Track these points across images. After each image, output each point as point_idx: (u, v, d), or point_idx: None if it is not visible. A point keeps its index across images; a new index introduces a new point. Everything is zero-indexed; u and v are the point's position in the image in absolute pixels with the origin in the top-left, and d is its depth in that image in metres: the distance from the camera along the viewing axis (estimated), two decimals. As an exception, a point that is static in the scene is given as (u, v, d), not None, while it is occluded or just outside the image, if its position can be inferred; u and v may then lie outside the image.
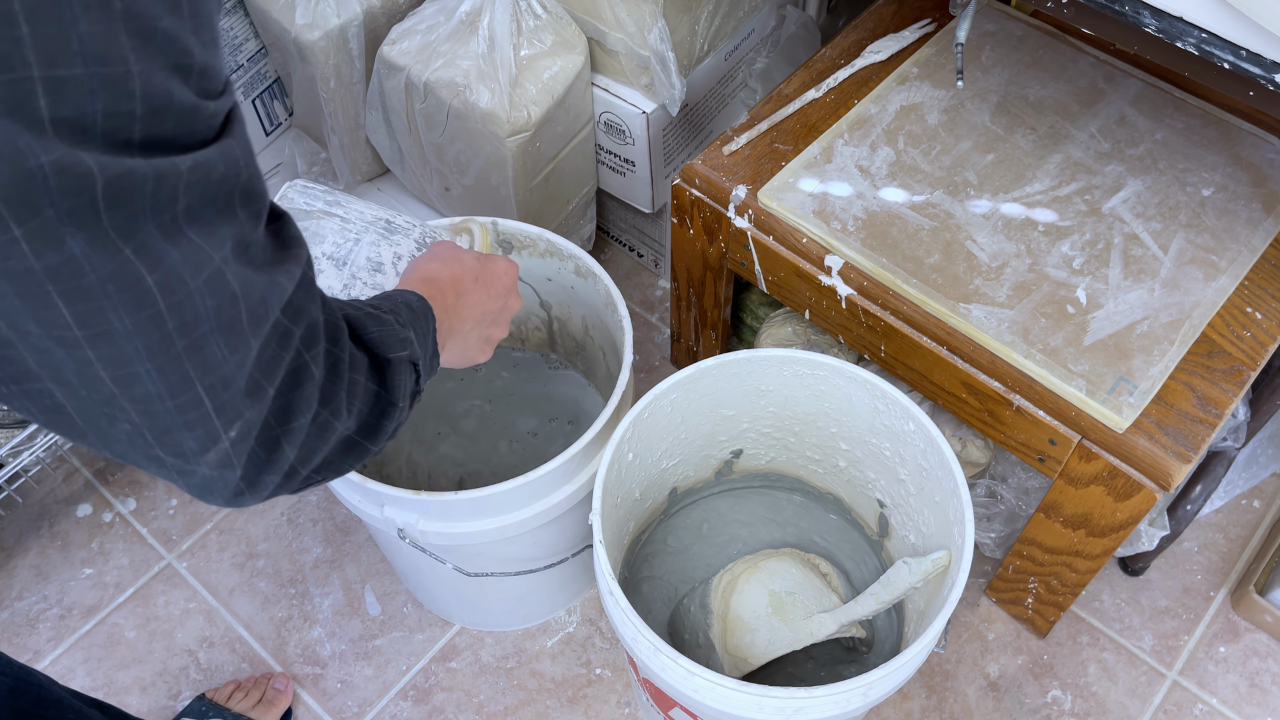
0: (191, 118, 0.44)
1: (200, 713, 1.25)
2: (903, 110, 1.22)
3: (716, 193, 1.19)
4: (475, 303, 0.81)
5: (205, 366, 0.47)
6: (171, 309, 0.45)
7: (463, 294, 0.80)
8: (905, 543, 1.14)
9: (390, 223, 0.94)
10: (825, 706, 0.89)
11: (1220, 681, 1.32)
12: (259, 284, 0.49)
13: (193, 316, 0.46)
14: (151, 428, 0.48)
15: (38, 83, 0.38)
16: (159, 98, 0.41)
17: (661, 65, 1.26)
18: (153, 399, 0.47)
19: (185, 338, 0.46)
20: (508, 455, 1.36)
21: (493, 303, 0.84)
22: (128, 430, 0.48)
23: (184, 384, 0.47)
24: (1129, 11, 0.85)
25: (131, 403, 0.46)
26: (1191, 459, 0.99)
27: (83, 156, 0.40)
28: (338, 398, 0.55)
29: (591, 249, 1.62)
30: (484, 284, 0.83)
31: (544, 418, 1.39)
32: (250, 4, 1.37)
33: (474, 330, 0.82)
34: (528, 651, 1.35)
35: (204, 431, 0.49)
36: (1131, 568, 1.39)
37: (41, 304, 0.42)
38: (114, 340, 0.44)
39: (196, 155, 0.44)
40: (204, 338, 0.47)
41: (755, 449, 1.22)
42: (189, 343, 0.46)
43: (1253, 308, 1.07)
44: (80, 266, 0.41)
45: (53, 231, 0.40)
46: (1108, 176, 1.16)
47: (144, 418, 0.47)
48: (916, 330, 1.10)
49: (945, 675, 1.33)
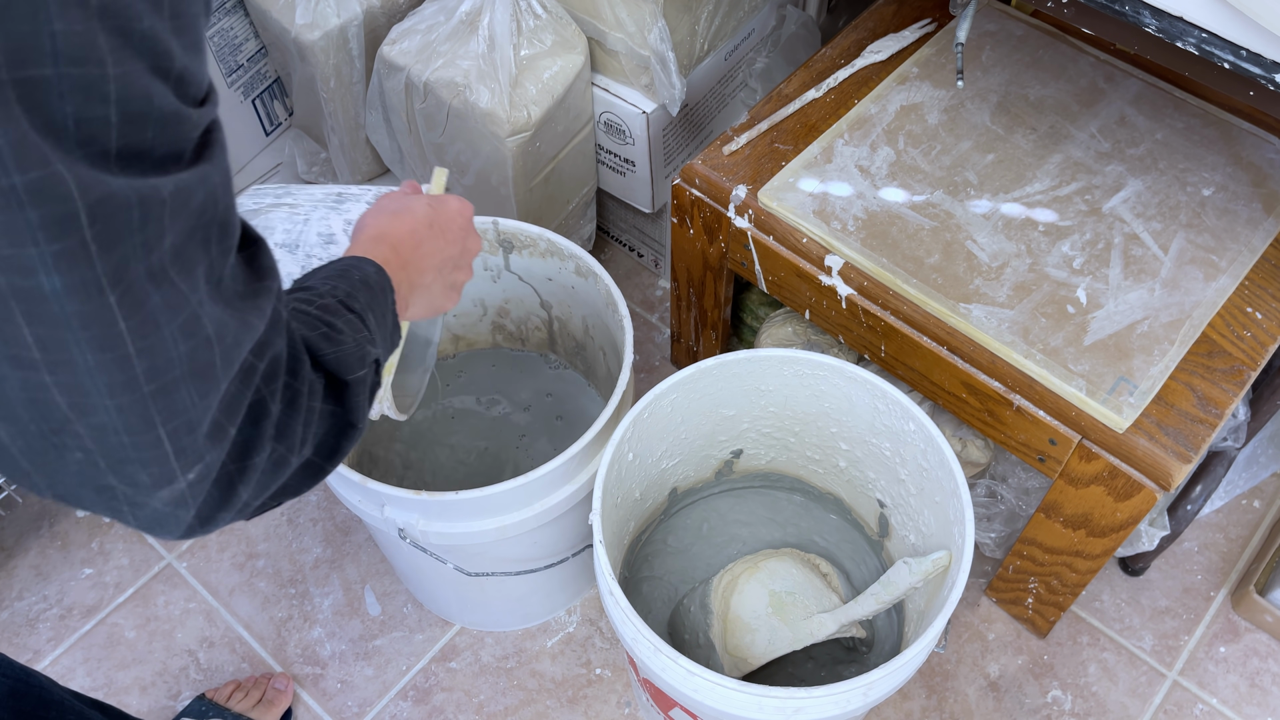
0: (173, 125, 0.42)
1: (200, 713, 1.25)
2: (903, 110, 1.22)
3: (716, 193, 1.19)
4: (433, 251, 0.77)
5: (171, 411, 0.45)
6: (141, 353, 0.43)
7: (419, 244, 0.76)
8: (905, 543, 1.14)
9: (341, 194, 0.91)
10: (825, 706, 0.89)
11: (1220, 681, 1.32)
12: (232, 326, 0.47)
13: (164, 362, 0.44)
14: (107, 457, 0.45)
15: (7, 86, 0.36)
16: (137, 101, 0.40)
17: (661, 65, 1.26)
18: (109, 431, 0.44)
19: (153, 382, 0.44)
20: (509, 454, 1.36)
21: (451, 248, 0.80)
22: (79, 460, 0.45)
23: (146, 425, 0.45)
24: (1129, 11, 0.85)
25: (88, 430, 0.44)
26: (1191, 459, 0.99)
27: (59, 169, 0.38)
28: (294, 432, 0.53)
29: (591, 249, 1.62)
30: (439, 229, 0.79)
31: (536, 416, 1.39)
32: (250, 4, 1.37)
33: (436, 279, 0.79)
34: (528, 651, 1.35)
35: (160, 471, 0.47)
36: (1132, 568, 1.39)
37: (3, 318, 0.40)
38: (74, 371, 0.42)
39: (178, 179, 0.42)
40: (174, 384, 0.45)
41: (755, 449, 1.22)
42: (157, 387, 0.44)
43: (1253, 308, 1.07)
44: (47, 297, 0.39)
45: (30, 263, 0.38)
46: (1108, 176, 1.16)
47: (99, 445, 0.45)
48: (916, 330, 1.10)
49: (945, 675, 1.33)
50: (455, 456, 1.35)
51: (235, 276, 0.48)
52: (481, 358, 1.41)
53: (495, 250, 1.24)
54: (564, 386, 1.40)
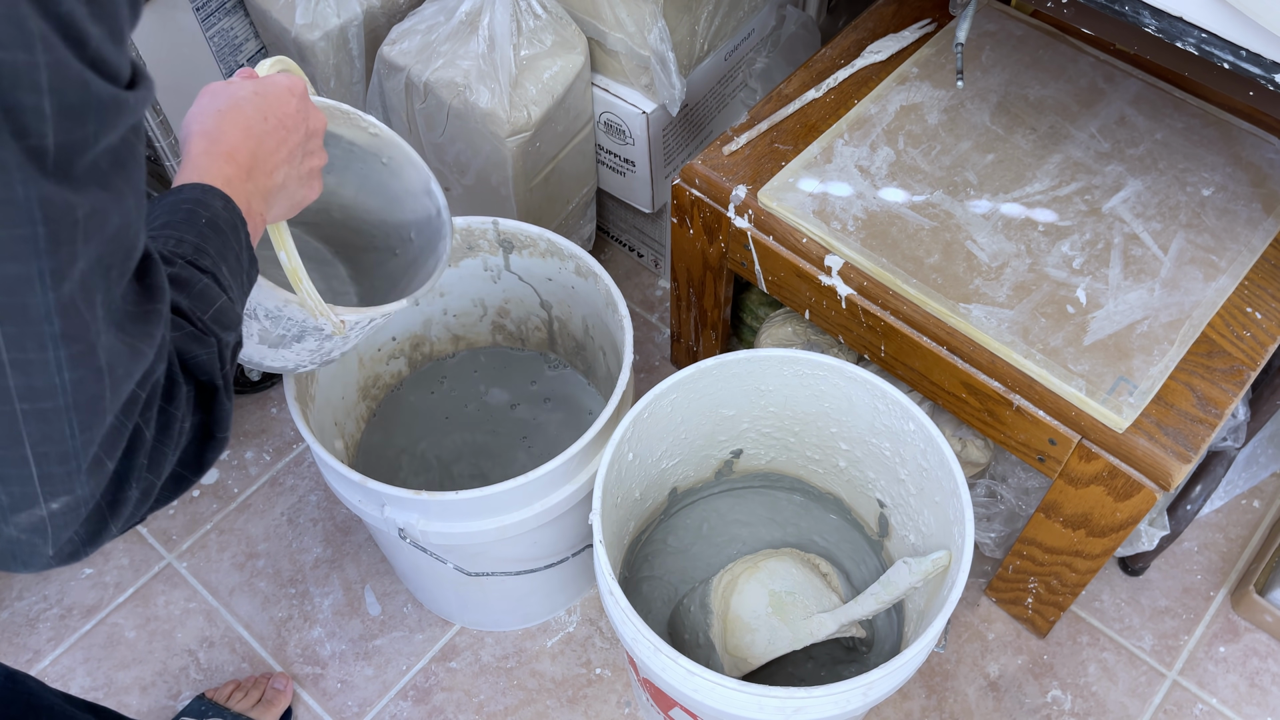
0: (112, 114, 0.39)
1: (200, 712, 1.25)
2: (903, 110, 1.22)
3: (716, 193, 1.19)
4: (275, 145, 0.70)
5: (44, 437, 0.42)
6: (17, 366, 0.40)
7: (259, 142, 0.68)
8: (905, 543, 1.14)
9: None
10: (825, 706, 0.89)
11: (1220, 681, 1.32)
12: (124, 356, 0.44)
13: (45, 385, 0.41)
14: None
15: None
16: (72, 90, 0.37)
17: (661, 65, 1.26)
18: None
19: (29, 402, 0.41)
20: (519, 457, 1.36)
21: (293, 135, 0.72)
22: None
23: (13, 443, 0.41)
24: (1129, 11, 0.85)
25: None
26: (1191, 459, 0.99)
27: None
28: (165, 458, 0.50)
29: (591, 249, 1.62)
30: (276, 119, 0.71)
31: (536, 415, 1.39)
32: (250, 4, 1.37)
33: (287, 174, 0.72)
34: (528, 651, 1.35)
35: (20, 492, 0.43)
36: (1131, 568, 1.39)
37: None
38: None
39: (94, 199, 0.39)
40: (53, 413, 0.42)
41: (755, 449, 1.22)
42: (32, 409, 0.41)
43: (1253, 308, 1.07)
44: None
45: None
46: (1108, 176, 1.16)
47: None
48: (916, 330, 1.10)
49: (945, 675, 1.33)
50: (455, 456, 1.35)
51: (127, 297, 0.45)
52: (481, 357, 1.41)
53: (495, 250, 1.24)
54: (564, 387, 1.40)
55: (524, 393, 1.40)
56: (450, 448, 1.36)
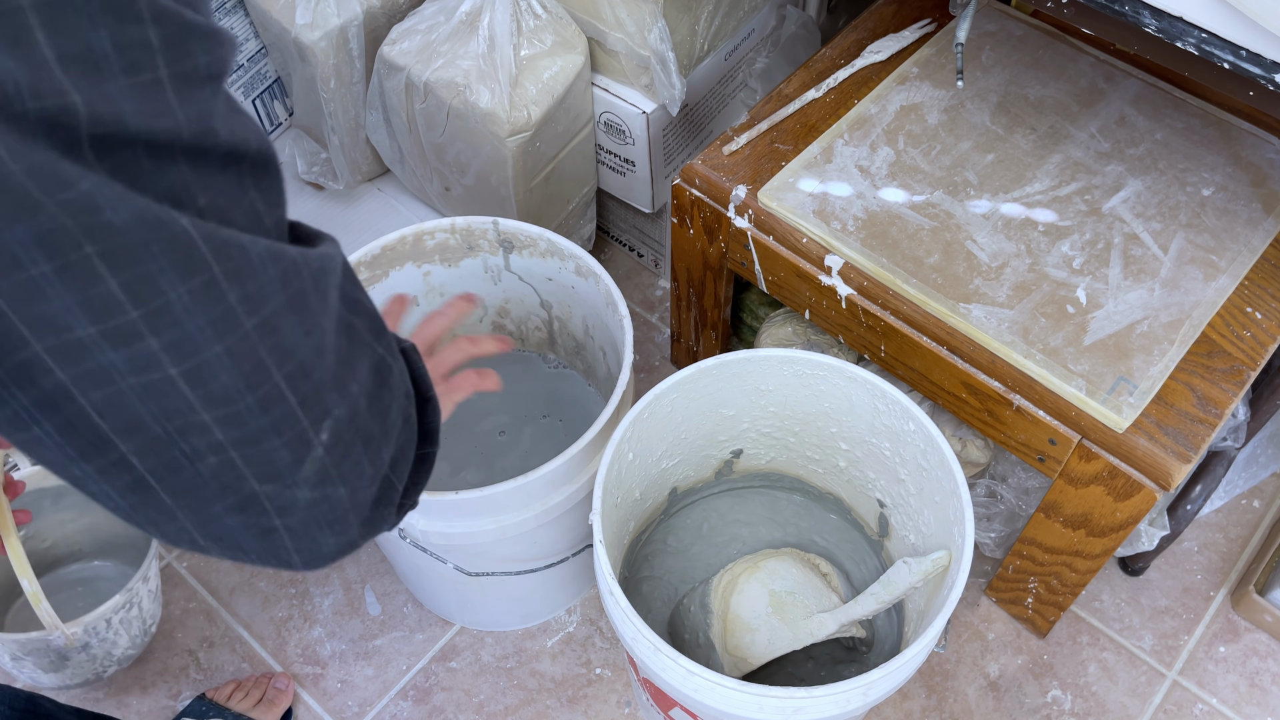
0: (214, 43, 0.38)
1: (200, 712, 1.25)
2: (903, 110, 1.22)
3: (716, 193, 1.19)
4: None
5: (282, 351, 0.41)
6: (229, 275, 0.39)
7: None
8: (905, 543, 1.14)
9: None
10: (825, 706, 0.89)
11: (1220, 681, 1.32)
12: (314, 254, 0.43)
13: (255, 288, 0.40)
14: (237, 440, 0.41)
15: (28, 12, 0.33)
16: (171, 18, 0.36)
17: (661, 65, 1.26)
18: (232, 395, 0.40)
19: (253, 315, 0.40)
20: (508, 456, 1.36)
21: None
22: (214, 466, 0.42)
23: (261, 372, 0.41)
24: (1129, 11, 0.85)
25: (209, 407, 0.40)
26: (1191, 459, 0.99)
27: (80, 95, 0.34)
28: (406, 392, 0.51)
29: (591, 249, 1.62)
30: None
31: (536, 415, 1.39)
32: (250, 4, 1.37)
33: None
34: (528, 651, 1.35)
35: (294, 434, 0.43)
36: (1131, 568, 1.39)
37: (87, 275, 0.36)
38: (174, 317, 0.38)
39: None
40: (275, 315, 0.41)
41: (755, 449, 1.22)
42: (259, 320, 0.40)
43: (1253, 307, 1.07)
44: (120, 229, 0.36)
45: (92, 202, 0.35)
46: (1108, 176, 1.16)
47: (227, 429, 0.41)
48: (916, 330, 1.10)
49: (945, 675, 1.33)
50: (455, 456, 1.35)
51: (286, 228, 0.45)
52: (481, 358, 1.41)
53: (495, 250, 1.24)
54: (564, 386, 1.40)
55: (523, 393, 1.39)
56: (449, 447, 1.36)
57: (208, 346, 0.39)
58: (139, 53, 0.35)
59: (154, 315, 0.37)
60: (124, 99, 0.35)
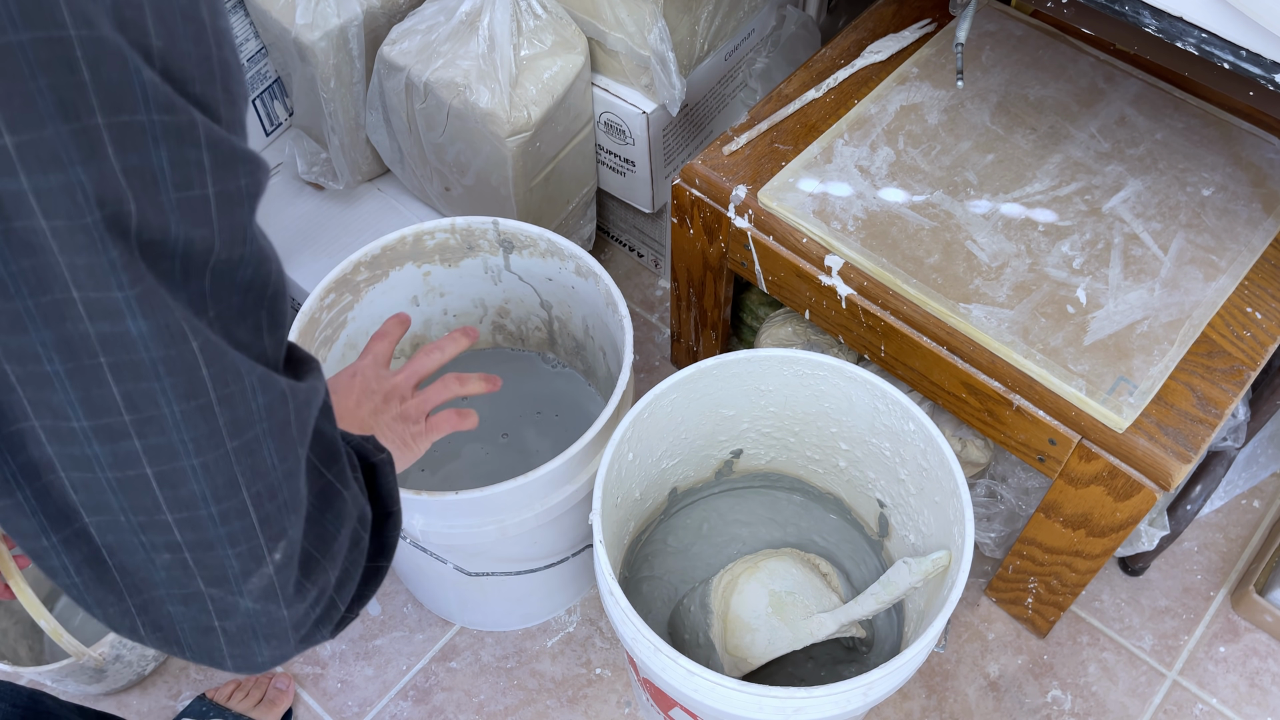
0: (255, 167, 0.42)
1: (200, 713, 1.25)
2: (903, 110, 1.22)
3: (716, 193, 1.19)
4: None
5: (255, 472, 0.44)
6: (222, 400, 0.42)
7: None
8: (905, 543, 1.14)
9: None
10: (825, 706, 0.89)
11: (1220, 681, 1.32)
12: (301, 387, 0.47)
13: (245, 414, 0.43)
14: (193, 543, 0.44)
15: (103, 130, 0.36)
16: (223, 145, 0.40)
17: (661, 65, 1.26)
18: (197, 502, 0.43)
19: (236, 437, 0.43)
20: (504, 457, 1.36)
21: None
22: (167, 562, 0.44)
23: (230, 488, 0.44)
24: (1129, 11, 0.85)
25: (174, 509, 0.43)
26: (1191, 459, 0.99)
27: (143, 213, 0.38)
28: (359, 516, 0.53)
29: (592, 249, 1.62)
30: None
31: (535, 415, 1.39)
32: (250, 4, 1.37)
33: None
34: (528, 651, 1.35)
35: (247, 549, 0.45)
36: (1131, 568, 1.39)
37: (94, 380, 0.39)
38: (163, 427, 0.41)
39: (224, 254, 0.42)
40: (256, 440, 0.44)
41: (755, 449, 1.22)
42: (240, 443, 0.43)
43: (1253, 308, 1.07)
44: (134, 343, 0.39)
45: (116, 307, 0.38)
46: (1108, 176, 1.16)
47: (185, 531, 0.44)
48: (916, 330, 1.10)
49: (945, 675, 1.33)
50: (454, 456, 1.35)
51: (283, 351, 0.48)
52: (481, 358, 1.41)
53: (495, 250, 1.24)
54: (564, 386, 1.40)
55: (523, 393, 1.40)
56: (449, 447, 1.36)
57: (186, 457, 0.42)
58: (192, 171, 0.39)
59: (144, 422, 0.41)
60: (171, 209, 0.39)
